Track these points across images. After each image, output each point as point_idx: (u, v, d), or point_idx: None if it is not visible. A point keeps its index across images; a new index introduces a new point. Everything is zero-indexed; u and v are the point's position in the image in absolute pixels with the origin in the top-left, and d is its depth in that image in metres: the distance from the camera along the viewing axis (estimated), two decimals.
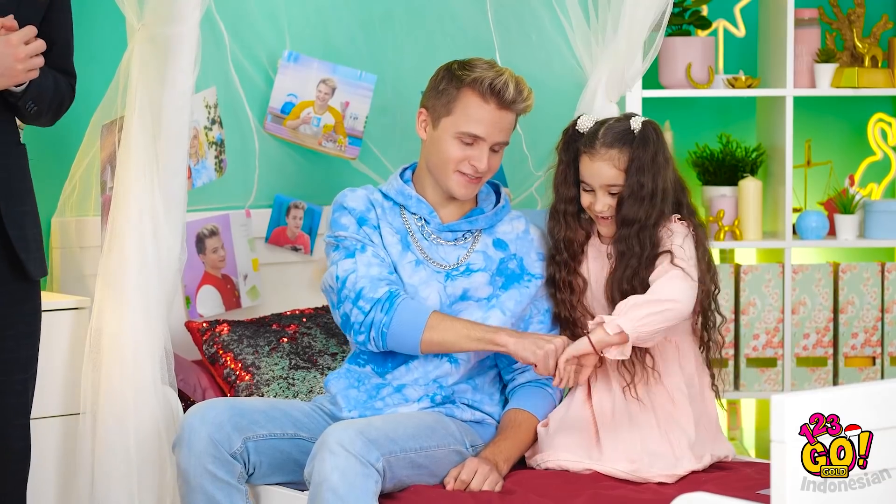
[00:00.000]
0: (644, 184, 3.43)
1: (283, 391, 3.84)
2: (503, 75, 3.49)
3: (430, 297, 3.51)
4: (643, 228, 3.44)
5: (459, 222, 3.58)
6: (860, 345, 4.68)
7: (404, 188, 3.58)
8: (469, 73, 3.49)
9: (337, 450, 3.14)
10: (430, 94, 3.56)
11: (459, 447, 3.42)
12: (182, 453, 3.31)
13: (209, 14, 4.09)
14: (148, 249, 3.54)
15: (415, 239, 3.56)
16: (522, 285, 3.58)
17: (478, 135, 3.48)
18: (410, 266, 3.53)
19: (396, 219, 3.58)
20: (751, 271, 4.65)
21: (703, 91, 4.61)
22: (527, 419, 3.52)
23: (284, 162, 4.33)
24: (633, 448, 3.39)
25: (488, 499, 3.22)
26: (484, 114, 3.48)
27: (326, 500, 3.12)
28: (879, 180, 5.00)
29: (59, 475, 3.66)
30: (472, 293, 3.55)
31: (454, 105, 3.49)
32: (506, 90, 3.47)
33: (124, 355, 3.53)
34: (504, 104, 3.48)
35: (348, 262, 3.49)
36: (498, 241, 3.61)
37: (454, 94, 3.49)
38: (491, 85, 3.47)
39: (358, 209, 3.55)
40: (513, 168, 4.33)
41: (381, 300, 3.43)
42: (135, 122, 3.53)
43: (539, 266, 3.61)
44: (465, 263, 3.57)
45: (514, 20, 4.32)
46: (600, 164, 3.47)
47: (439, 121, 3.51)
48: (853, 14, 4.78)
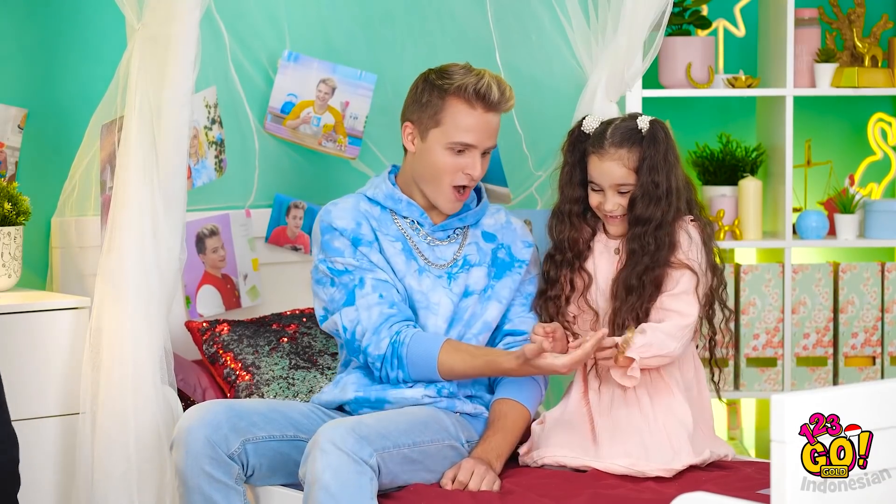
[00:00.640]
0: (658, 183, 3.46)
1: (283, 391, 3.84)
2: (484, 78, 3.49)
3: (442, 302, 3.53)
4: (660, 226, 3.46)
5: (450, 220, 3.60)
6: (860, 345, 4.68)
7: (394, 192, 3.58)
8: (449, 80, 3.49)
9: (328, 448, 3.14)
10: (412, 106, 3.55)
11: (454, 442, 3.42)
12: (179, 454, 3.30)
13: (209, 14, 4.09)
14: (148, 249, 3.54)
15: (414, 243, 3.57)
16: (514, 272, 3.61)
17: (469, 143, 3.49)
18: (416, 275, 3.54)
19: (391, 226, 3.57)
20: (751, 271, 4.65)
21: (703, 91, 4.61)
22: (515, 409, 3.51)
23: (284, 162, 4.33)
24: (631, 442, 3.40)
25: (488, 499, 3.22)
26: (472, 121, 3.48)
27: (319, 499, 3.12)
28: (879, 180, 5.00)
29: (58, 475, 3.66)
30: (472, 287, 3.57)
31: (441, 116, 3.49)
32: (490, 93, 3.48)
33: (124, 355, 3.53)
34: (490, 107, 3.50)
35: (351, 312, 3.48)
36: (486, 234, 3.64)
37: (439, 104, 3.49)
38: (476, 90, 3.47)
39: (349, 228, 3.53)
40: (513, 168, 4.32)
41: (387, 357, 3.45)
42: (135, 122, 3.53)
43: (526, 252, 3.64)
44: (461, 258, 3.58)
45: (514, 20, 4.32)
46: (610, 163, 3.48)
47: (428, 133, 3.51)
48: (853, 14, 4.78)
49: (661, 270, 3.45)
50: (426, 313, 3.53)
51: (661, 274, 3.45)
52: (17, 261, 3.79)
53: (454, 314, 3.55)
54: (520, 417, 3.51)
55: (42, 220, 3.98)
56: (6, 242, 3.74)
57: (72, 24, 4.03)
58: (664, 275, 3.46)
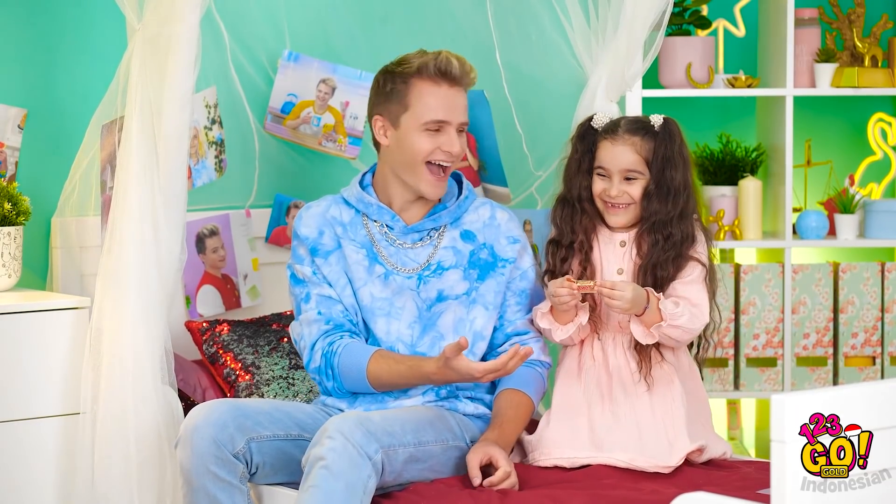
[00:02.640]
0: (674, 177, 3.49)
1: (283, 391, 3.84)
2: (441, 54, 3.52)
3: (406, 307, 3.51)
4: (682, 217, 3.50)
5: (423, 222, 3.57)
6: (860, 345, 4.68)
7: (363, 196, 3.57)
8: (408, 64, 3.52)
9: (336, 436, 3.16)
10: (377, 100, 3.56)
11: (459, 443, 3.43)
12: (184, 453, 3.31)
13: (209, 14, 4.09)
14: (148, 249, 3.54)
15: (380, 249, 3.56)
16: (497, 273, 3.58)
17: (443, 119, 3.50)
18: (380, 280, 3.53)
19: (360, 231, 3.57)
20: (751, 271, 4.65)
21: (703, 91, 4.61)
22: (523, 401, 3.51)
23: (284, 162, 4.33)
24: (628, 436, 3.41)
25: (488, 499, 3.22)
26: (441, 97, 3.50)
27: (318, 475, 3.12)
28: (879, 180, 5.00)
29: (59, 475, 3.66)
30: (447, 292, 3.54)
31: (408, 99, 3.50)
32: (451, 66, 3.50)
33: (124, 355, 3.53)
34: (454, 81, 3.51)
35: (297, 327, 3.56)
36: (465, 233, 3.60)
37: (404, 89, 3.51)
38: (436, 66, 3.49)
39: (310, 237, 3.56)
40: (513, 168, 4.33)
41: (321, 368, 3.50)
42: (135, 122, 3.53)
43: (511, 250, 3.60)
44: (435, 262, 3.56)
45: (514, 20, 4.32)
46: (622, 147, 3.51)
47: (399, 119, 3.52)
48: (853, 14, 4.78)
49: (683, 261, 3.48)
50: (388, 320, 3.52)
51: (682, 264, 3.48)
52: (17, 261, 3.79)
53: (424, 321, 3.53)
54: (528, 411, 3.51)
55: (42, 220, 3.98)
56: (6, 242, 3.74)
57: (72, 24, 4.03)
58: (683, 265, 3.49)
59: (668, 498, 2.86)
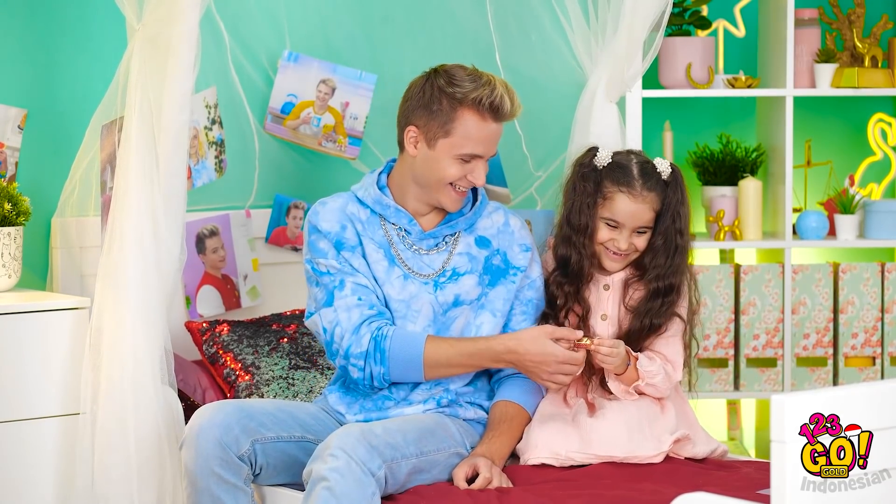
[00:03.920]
0: (683, 231, 3.53)
1: (283, 391, 3.84)
2: (496, 89, 3.43)
3: (423, 310, 3.50)
4: (680, 273, 3.54)
5: (440, 228, 3.55)
6: (860, 345, 4.68)
7: (381, 198, 3.53)
8: (461, 89, 3.43)
9: (339, 454, 3.14)
10: (419, 111, 3.47)
11: (460, 449, 3.42)
12: (189, 455, 3.30)
13: (209, 14, 4.09)
14: (148, 249, 3.54)
15: (397, 251, 3.54)
16: (508, 280, 3.57)
17: (478, 154, 3.46)
18: (399, 281, 3.50)
19: (377, 231, 3.53)
20: (751, 271, 4.65)
21: (703, 91, 4.61)
22: (518, 413, 3.51)
23: (284, 162, 4.33)
24: (616, 432, 3.42)
25: (487, 499, 3.22)
26: (484, 133, 3.45)
27: (321, 496, 3.11)
28: (879, 180, 5.00)
29: (59, 475, 3.66)
30: (464, 297, 3.53)
31: (452, 126, 3.44)
32: (503, 105, 3.44)
33: (124, 355, 3.53)
34: (501, 118, 3.47)
35: (329, 313, 3.46)
36: (480, 239, 3.58)
37: (451, 114, 3.43)
38: (490, 103, 3.42)
39: (333, 231, 3.50)
40: (513, 168, 4.33)
41: (369, 353, 3.42)
42: (135, 122, 3.53)
43: (524, 258, 3.59)
44: (450, 268, 3.54)
45: (514, 20, 4.32)
46: (642, 206, 3.51)
47: (436, 142, 3.46)
48: (853, 14, 4.78)
49: (671, 316, 3.53)
50: (403, 322, 3.49)
51: (670, 318, 3.54)
52: (17, 261, 3.79)
53: (438, 324, 3.51)
54: (523, 423, 3.51)
55: (42, 220, 3.98)
56: (6, 243, 3.74)
57: (72, 24, 4.03)
58: (670, 319, 3.55)
59: (668, 498, 2.86)
